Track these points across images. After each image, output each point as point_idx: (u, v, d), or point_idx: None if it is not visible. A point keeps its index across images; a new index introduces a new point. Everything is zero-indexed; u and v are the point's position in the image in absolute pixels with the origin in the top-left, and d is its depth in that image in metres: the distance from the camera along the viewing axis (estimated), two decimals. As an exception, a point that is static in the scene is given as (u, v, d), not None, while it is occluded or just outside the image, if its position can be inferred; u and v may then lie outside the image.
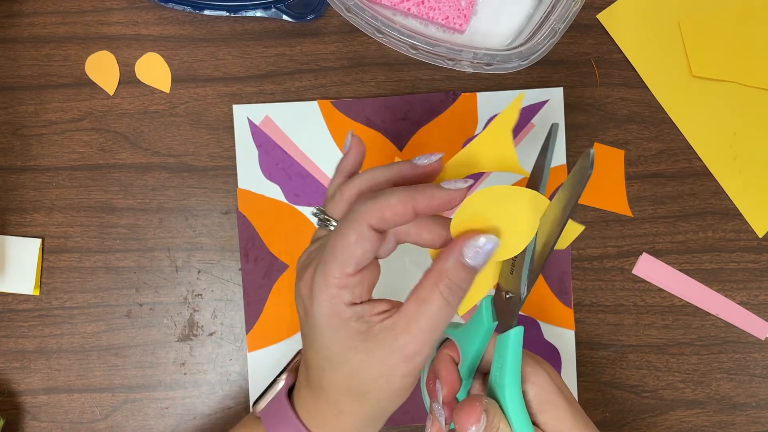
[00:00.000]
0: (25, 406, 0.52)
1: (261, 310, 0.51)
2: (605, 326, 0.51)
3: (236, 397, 0.52)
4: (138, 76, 0.52)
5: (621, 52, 0.51)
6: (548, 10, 0.47)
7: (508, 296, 0.36)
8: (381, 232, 0.33)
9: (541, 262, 0.34)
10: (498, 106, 0.51)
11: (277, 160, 0.51)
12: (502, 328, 0.36)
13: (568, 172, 0.51)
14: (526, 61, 0.46)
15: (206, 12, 0.50)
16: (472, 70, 0.46)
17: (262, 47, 0.52)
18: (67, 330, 0.52)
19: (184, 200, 0.52)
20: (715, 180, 0.51)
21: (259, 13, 0.50)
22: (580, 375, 0.51)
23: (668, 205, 0.52)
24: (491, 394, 0.36)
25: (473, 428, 0.33)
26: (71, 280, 0.52)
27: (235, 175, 0.52)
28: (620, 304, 0.51)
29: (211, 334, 0.52)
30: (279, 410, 0.37)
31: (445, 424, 0.37)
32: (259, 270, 0.51)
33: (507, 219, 0.34)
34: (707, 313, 0.51)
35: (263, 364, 0.51)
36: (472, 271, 0.33)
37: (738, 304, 0.51)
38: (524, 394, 0.35)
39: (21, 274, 0.51)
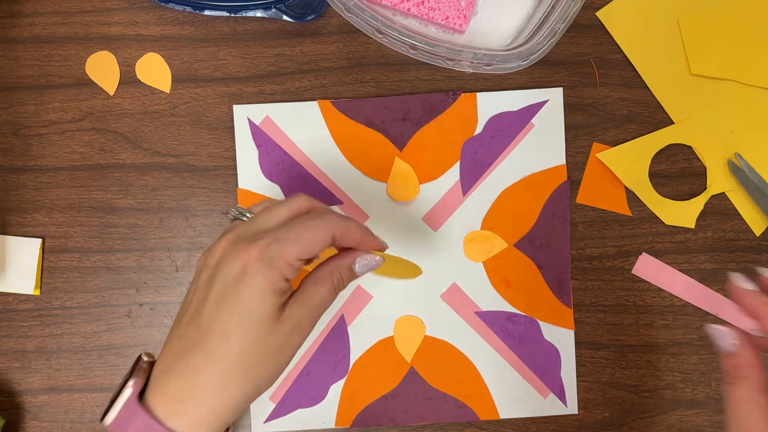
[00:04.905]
0: (26, 405, 0.52)
1: (261, 309, 0.51)
2: (605, 326, 0.52)
3: (236, 397, 0.52)
4: (138, 77, 0.52)
5: (620, 52, 0.51)
6: (548, 10, 0.48)
7: None
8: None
9: None
10: (498, 107, 0.51)
11: (278, 160, 0.51)
12: None
13: (568, 172, 0.51)
14: (526, 61, 0.46)
15: (206, 12, 0.50)
16: (471, 70, 0.46)
17: (263, 47, 0.52)
18: (68, 330, 0.52)
19: (185, 200, 0.52)
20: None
21: (259, 14, 0.50)
22: (579, 375, 0.51)
23: (668, 205, 0.52)
24: None
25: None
26: (72, 280, 0.52)
27: (236, 175, 0.52)
28: (620, 303, 0.51)
29: (211, 334, 0.52)
30: (132, 416, 0.35)
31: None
32: (260, 270, 0.51)
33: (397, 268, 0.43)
34: (707, 313, 0.51)
35: (263, 364, 0.51)
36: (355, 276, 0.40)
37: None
38: None
39: (21, 274, 0.51)
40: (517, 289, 0.51)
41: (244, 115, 0.52)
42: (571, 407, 0.51)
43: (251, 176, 0.51)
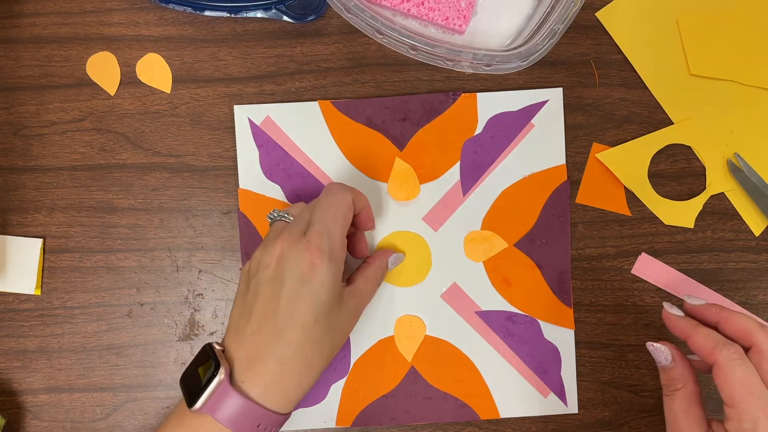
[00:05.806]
0: (26, 405, 0.52)
1: (261, 309, 0.51)
2: (604, 326, 0.52)
3: (237, 397, 0.52)
4: (139, 77, 0.52)
5: (620, 52, 0.52)
6: (548, 10, 0.48)
7: None
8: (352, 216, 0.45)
9: None
10: (498, 107, 0.51)
11: (278, 160, 0.52)
12: None
13: (567, 172, 0.51)
14: (525, 62, 0.46)
15: (207, 13, 0.50)
16: (471, 71, 0.46)
17: (263, 48, 0.52)
18: (68, 330, 0.52)
19: (185, 200, 0.52)
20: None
21: (259, 14, 0.50)
22: (579, 374, 0.51)
23: (667, 205, 0.52)
24: None
25: None
26: (72, 279, 0.52)
27: (236, 175, 0.52)
28: (619, 303, 0.52)
29: (211, 334, 0.52)
30: (226, 398, 0.39)
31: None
32: (260, 270, 0.51)
33: (410, 254, 0.52)
34: (706, 313, 0.51)
35: (264, 364, 0.51)
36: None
37: (737, 304, 0.51)
38: None
39: (22, 274, 0.52)
40: (517, 289, 0.51)
41: (244, 115, 0.52)
42: (572, 407, 0.51)
43: (252, 176, 0.52)
